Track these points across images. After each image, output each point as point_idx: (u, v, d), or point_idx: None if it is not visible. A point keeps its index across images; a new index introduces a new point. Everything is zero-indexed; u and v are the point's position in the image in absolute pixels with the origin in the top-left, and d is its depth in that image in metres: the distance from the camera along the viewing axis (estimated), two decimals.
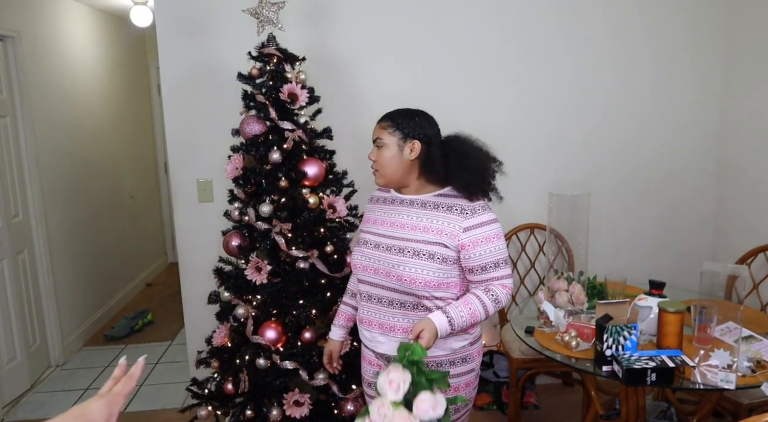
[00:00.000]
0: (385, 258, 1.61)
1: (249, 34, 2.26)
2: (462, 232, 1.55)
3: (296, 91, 2.14)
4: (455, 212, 1.58)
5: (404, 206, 1.66)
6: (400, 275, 1.57)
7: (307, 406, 2.10)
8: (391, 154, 1.61)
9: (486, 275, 1.59)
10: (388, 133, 1.62)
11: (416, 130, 1.61)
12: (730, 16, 2.85)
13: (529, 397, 2.87)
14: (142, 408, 3.03)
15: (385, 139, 1.62)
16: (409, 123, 1.61)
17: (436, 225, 1.58)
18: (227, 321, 2.27)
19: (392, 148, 1.61)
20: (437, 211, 1.60)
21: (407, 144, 1.60)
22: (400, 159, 1.61)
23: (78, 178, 3.99)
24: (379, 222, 1.69)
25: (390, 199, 1.71)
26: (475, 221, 1.56)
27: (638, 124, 2.91)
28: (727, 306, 2.10)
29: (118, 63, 4.82)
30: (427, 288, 1.56)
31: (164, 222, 5.75)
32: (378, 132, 1.64)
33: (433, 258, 1.55)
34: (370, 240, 1.67)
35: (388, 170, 1.63)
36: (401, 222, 1.63)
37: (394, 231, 1.63)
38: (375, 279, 1.64)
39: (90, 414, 0.77)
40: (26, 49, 3.35)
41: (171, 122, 2.74)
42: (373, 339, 1.68)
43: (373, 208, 1.76)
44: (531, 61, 2.82)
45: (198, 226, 2.78)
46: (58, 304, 3.59)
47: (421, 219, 1.60)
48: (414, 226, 1.60)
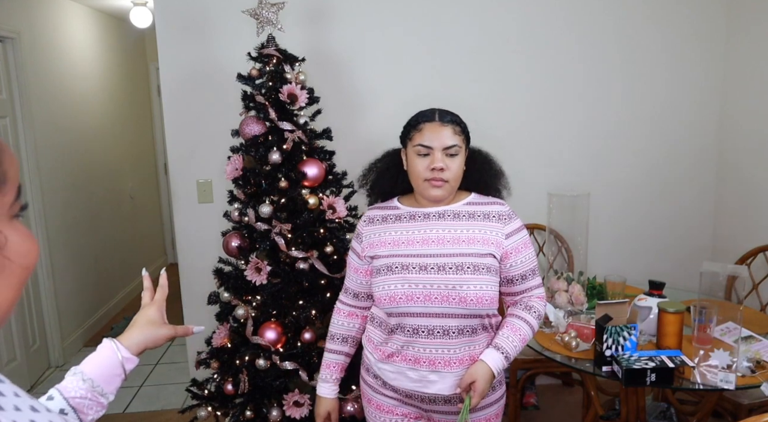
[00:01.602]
0: (441, 280, 1.38)
1: (249, 35, 2.26)
2: (505, 239, 1.44)
3: (296, 91, 2.14)
4: (493, 219, 1.45)
5: (432, 220, 1.47)
6: (463, 296, 1.37)
7: (307, 406, 2.10)
8: (462, 161, 1.45)
9: (525, 284, 1.49)
10: (461, 138, 1.45)
11: (468, 133, 1.48)
12: (730, 16, 2.85)
13: (528, 398, 2.87)
14: (142, 409, 3.03)
15: (460, 146, 1.44)
16: (464, 125, 1.47)
17: (480, 235, 1.43)
18: (227, 322, 2.27)
19: (463, 155, 1.45)
20: (475, 220, 1.45)
21: (466, 148, 1.48)
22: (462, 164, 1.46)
23: (78, 178, 3.99)
24: (404, 242, 1.46)
25: (404, 216, 1.50)
26: (513, 226, 1.46)
27: (638, 125, 2.91)
28: (727, 307, 2.10)
29: (117, 64, 4.83)
30: (492, 306, 1.40)
31: (164, 222, 5.76)
32: (450, 136, 1.43)
33: (490, 271, 1.41)
34: (410, 264, 1.41)
35: (458, 181, 1.46)
36: (440, 238, 1.43)
37: (438, 249, 1.42)
38: (426, 307, 1.39)
39: (152, 318, 0.97)
40: (26, 49, 3.35)
41: (171, 123, 2.74)
42: (422, 379, 1.43)
43: (379, 231, 1.51)
44: (531, 62, 2.82)
45: (198, 227, 2.78)
46: (58, 305, 3.59)
47: (461, 230, 1.44)
48: (457, 239, 1.42)
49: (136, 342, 0.92)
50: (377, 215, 1.54)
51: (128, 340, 0.92)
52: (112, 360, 0.88)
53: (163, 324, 0.97)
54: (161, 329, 0.95)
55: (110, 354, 0.88)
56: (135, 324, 0.96)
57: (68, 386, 0.84)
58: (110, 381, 0.87)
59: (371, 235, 1.52)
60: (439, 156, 1.41)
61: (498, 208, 1.47)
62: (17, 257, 0.54)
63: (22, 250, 0.55)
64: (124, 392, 3.21)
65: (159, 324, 0.96)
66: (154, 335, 0.94)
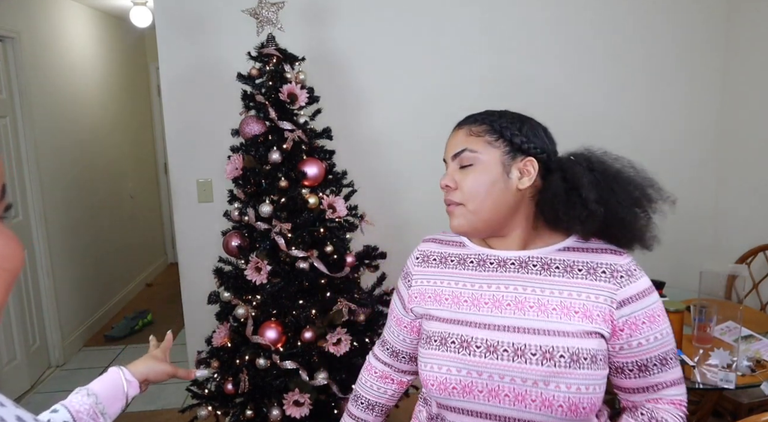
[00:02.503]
0: (518, 371, 0.95)
1: (249, 35, 2.26)
2: (616, 309, 0.97)
3: (296, 91, 2.14)
4: (602, 276, 0.99)
5: (510, 271, 1.03)
6: (549, 399, 0.93)
7: (307, 406, 2.10)
8: (491, 177, 1.00)
9: (646, 380, 1.01)
10: (484, 141, 1.02)
11: (531, 140, 1.02)
12: (730, 16, 2.85)
13: None
14: (142, 408, 3.03)
15: (480, 153, 1.01)
16: (518, 128, 1.03)
17: (581, 302, 0.98)
18: (227, 322, 2.27)
19: (492, 167, 1.00)
20: (574, 277, 1.00)
21: (517, 162, 1.01)
22: (505, 187, 1.00)
23: (78, 178, 3.99)
24: (468, 301, 1.03)
25: (472, 259, 1.08)
26: (633, 289, 0.99)
27: (638, 125, 2.91)
28: (727, 306, 2.10)
29: (117, 63, 4.83)
30: (592, 412, 0.96)
31: (164, 222, 5.75)
32: (463, 140, 1.04)
33: (596, 362, 0.95)
34: (474, 340, 0.99)
35: (486, 205, 1.00)
36: (520, 301, 1.00)
37: (516, 318, 0.99)
38: (491, 406, 0.98)
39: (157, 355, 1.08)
40: (26, 49, 3.35)
41: (171, 122, 2.74)
42: None
43: (434, 276, 1.10)
44: (531, 64, 2.82)
45: (198, 227, 2.78)
46: (58, 304, 3.59)
47: (552, 292, 0.99)
48: (546, 307, 0.98)
49: (139, 370, 1.03)
50: (434, 252, 1.13)
51: (132, 368, 1.03)
52: (116, 381, 0.98)
53: (165, 362, 1.08)
54: (163, 365, 1.07)
55: (115, 375, 0.99)
56: (140, 358, 1.07)
57: (73, 400, 0.92)
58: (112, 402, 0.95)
59: (423, 281, 1.11)
60: (450, 169, 1.06)
61: (611, 258, 1.01)
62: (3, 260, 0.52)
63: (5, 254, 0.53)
64: None
65: (162, 361, 1.08)
66: (155, 368, 1.05)
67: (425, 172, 2.86)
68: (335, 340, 2.10)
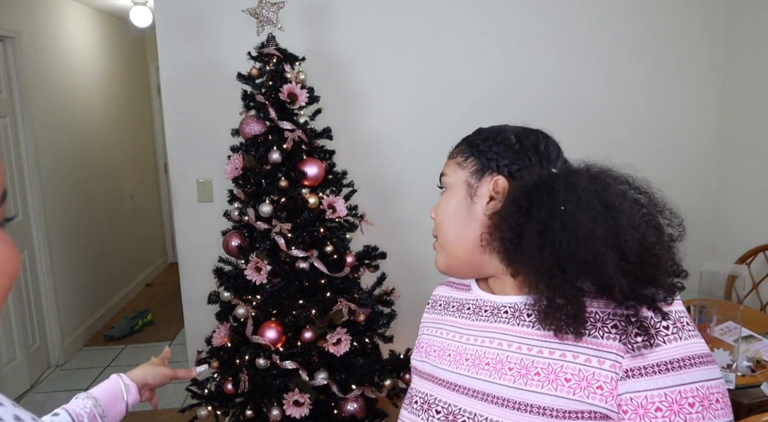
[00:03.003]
0: None
1: (249, 34, 2.26)
2: (620, 380, 0.72)
3: (296, 91, 2.14)
4: (612, 330, 0.75)
5: (501, 320, 0.85)
6: None
7: (307, 406, 2.10)
8: (453, 202, 0.88)
9: None
10: (455, 163, 0.90)
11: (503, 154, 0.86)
12: (730, 18, 2.85)
13: None
14: (142, 408, 3.03)
15: (449, 176, 0.90)
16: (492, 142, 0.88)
17: (575, 366, 0.74)
18: (227, 321, 2.27)
19: (457, 190, 0.88)
20: None
21: (484, 182, 0.86)
22: (468, 213, 0.86)
23: (78, 178, 3.99)
24: (451, 354, 0.88)
25: (469, 305, 0.92)
26: (656, 355, 0.72)
27: (638, 125, 2.91)
28: (727, 306, 2.10)
29: (117, 63, 4.83)
30: None
31: (164, 222, 5.75)
32: (446, 165, 0.92)
33: None
34: (439, 402, 0.85)
35: (450, 236, 0.88)
36: (500, 359, 0.81)
37: (485, 381, 0.81)
38: None
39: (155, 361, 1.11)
40: (26, 49, 3.35)
41: (171, 122, 2.74)
42: None
43: (434, 323, 0.98)
44: (531, 63, 2.82)
45: (198, 226, 2.78)
46: (58, 304, 3.59)
47: (539, 350, 0.78)
48: (526, 370, 0.77)
49: (137, 374, 1.07)
50: (442, 296, 1.01)
51: (130, 373, 1.08)
52: (115, 386, 1.02)
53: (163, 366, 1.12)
54: (162, 368, 1.10)
55: (113, 380, 1.03)
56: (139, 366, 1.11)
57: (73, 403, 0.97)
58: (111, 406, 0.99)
59: (425, 329, 1.00)
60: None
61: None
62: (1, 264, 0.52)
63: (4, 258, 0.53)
64: None
65: (160, 365, 1.11)
66: (154, 371, 1.08)
67: (425, 172, 2.85)
68: (335, 340, 2.10)
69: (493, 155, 0.86)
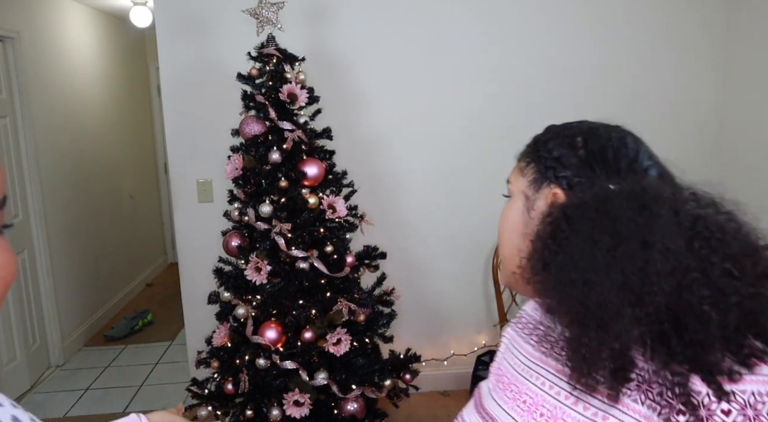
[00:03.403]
0: None
1: (249, 35, 2.26)
2: None
3: (296, 91, 2.14)
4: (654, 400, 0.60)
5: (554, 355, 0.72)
6: None
7: (307, 406, 2.10)
8: (511, 214, 0.79)
9: None
10: (518, 168, 0.81)
11: (564, 161, 0.73)
12: (730, 15, 2.85)
13: None
14: (142, 408, 3.03)
15: (512, 183, 0.81)
16: (555, 143, 0.76)
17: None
18: (227, 322, 2.27)
19: (516, 201, 0.79)
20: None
21: (542, 193, 0.75)
22: (524, 228, 0.76)
23: (78, 178, 3.99)
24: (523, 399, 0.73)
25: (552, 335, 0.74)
26: None
27: (638, 124, 2.90)
28: None
29: (117, 63, 4.83)
30: None
31: (164, 222, 5.75)
32: (512, 170, 0.83)
33: None
34: None
35: (506, 252, 0.80)
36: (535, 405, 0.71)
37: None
38: None
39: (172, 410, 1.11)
40: (26, 49, 3.35)
41: (171, 122, 2.74)
42: None
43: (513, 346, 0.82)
44: (531, 62, 2.81)
45: (198, 227, 2.78)
46: (58, 304, 3.59)
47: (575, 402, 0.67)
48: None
49: (156, 418, 1.06)
50: (529, 314, 0.83)
51: (150, 415, 1.06)
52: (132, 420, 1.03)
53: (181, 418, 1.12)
54: (180, 418, 1.11)
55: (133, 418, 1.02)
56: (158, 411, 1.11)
57: None
58: None
59: (502, 349, 0.85)
60: None
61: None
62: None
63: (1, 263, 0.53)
64: (124, 392, 3.22)
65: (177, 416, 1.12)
66: (172, 418, 1.09)
67: (425, 172, 2.86)
68: (335, 340, 2.10)
69: (552, 162, 0.73)
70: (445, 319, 3.00)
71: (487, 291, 2.98)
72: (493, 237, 2.90)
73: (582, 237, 0.63)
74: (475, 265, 2.96)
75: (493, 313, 2.99)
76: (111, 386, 3.30)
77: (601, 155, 0.72)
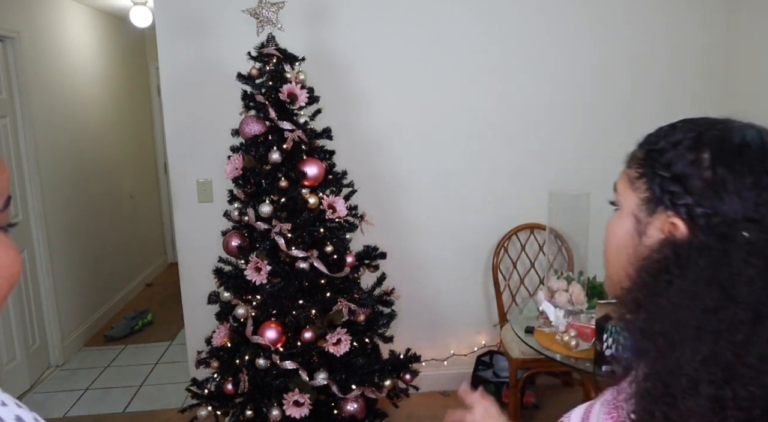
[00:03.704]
0: None
1: (249, 34, 2.26)
2: None
3: (296, 91, 2.14)
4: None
5: None
6: None
7: (307, 406, 2.10)
8: (620, 234, 0.68)
9: None
10: (627, 179, 0.68)
11: (687, 184, 0.59)
12: (730, 15, 2.85)
13: (529, 397, 2.87)
14: (142, 408, 3.03)
15: (620, 194, 0.70)
16: (675, 157, 0.62)
17: None
18: (227, 322, 2.27)
19: (624, 220, 0.68)
20: None
21: (656, 219, 0.63)
22: (635, 254, 0.65)
23: (78, 178, 3.99)
24: None
25: None
26: None
27: (638, 124, 2.90)
28: None
29: (117, 63, 4.83)
30: None
31: (164, 222, 5.75)
32: (620, 175, 0.71)
33: None
34: None
35: (610, 269, 0.72)
36: None
37: None
38: None
39: None
40: (26, 49, 3.35)
41: (171, 122, 2.74)
42: None
43: None
44: (531, 61, 2.81)
45: (198, 227, 2.78)
46: (58, 304, 3.59)
47: None
48: None
49: None
50: None
51: None
52: None
53: None
54: None
55: None
56: None
57: None
58: None
59: None
60: None
61: None
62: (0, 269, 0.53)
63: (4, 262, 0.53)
64: (124, 392, 3.22)
65: None
66: None
67: (425, 172, 2.86)
68: (335, 340, 2.10)
69: (670, 184, 0.59)
70: (445, 319, 3.00)
71: (487, 291, 2.98)
72: (493, 237, 2.91)
73: (685, 286, 0.53)
74: (475, 265, 2.96)
75: (493, 313, 2.98)
76: (111, 386, 3.30)
77: (734, 180, 0.56)
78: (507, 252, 2.90)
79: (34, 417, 0.51)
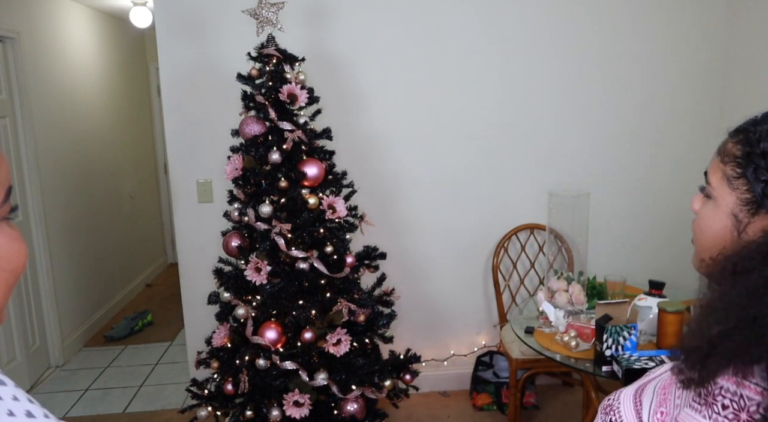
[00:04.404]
0: None
1: (248, 35, 2.26)
2: None
3: (296, 91, 2.14)
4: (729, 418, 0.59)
5: None
6: None
7: (307, 406, 2.10)
8: (716, 228, 0.70)
9: None
10: (723, 174, 0.72)
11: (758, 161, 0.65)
12: (730, 15, 2.85)
13: (529, 397, 2.87)
14: (142, 409, 3.03)
15: (715, 189, 0.72)
16: None
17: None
18: (227, 322, 2.27)
19: (721, 216, 0.70)
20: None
21: (758, 220, 0.66)
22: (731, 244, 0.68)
23: (78, 178, 3.99)
24: None
25: None
26: None
27: (638, 124, 2.91)
28: None
29: (117, 63, 4.83)
30: None
31: (164, 222, 5.75)
32: (713, 160, 0.76)
33: None
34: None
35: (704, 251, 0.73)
36: None
37: None
38: None
39: None
40: (26, 49, 3.35)
41: (171, 122, 2.74)
42: None
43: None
44: (531, 62, 2.82)
45: (198, 227, 2.78)
46: (58, 305, 3.59)
47: None
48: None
49: None
50: None
51: None
52: None
53: None
54: None
55: None
56: None
57: None
58: None
59: None
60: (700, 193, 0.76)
61: None
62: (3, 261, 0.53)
63: (8, 254, 0.54)
64: (124, 392, 3.22)
65: None
66: None
67: (425, 172, 2.86)
68: (335, 341, 2.10)
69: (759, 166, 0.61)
70: (445, 319, 3.00)
71: (487, 292, 2.98)
72: (493, 237, 2.91)
73: None
74: (475, 265, 2.96)
75: (493, 313, 2.99)
76: (111, 386, 3.30)
77: None
78: (507, 252, 2.90)
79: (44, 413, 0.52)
